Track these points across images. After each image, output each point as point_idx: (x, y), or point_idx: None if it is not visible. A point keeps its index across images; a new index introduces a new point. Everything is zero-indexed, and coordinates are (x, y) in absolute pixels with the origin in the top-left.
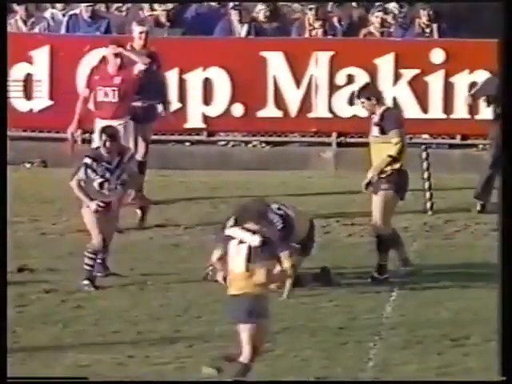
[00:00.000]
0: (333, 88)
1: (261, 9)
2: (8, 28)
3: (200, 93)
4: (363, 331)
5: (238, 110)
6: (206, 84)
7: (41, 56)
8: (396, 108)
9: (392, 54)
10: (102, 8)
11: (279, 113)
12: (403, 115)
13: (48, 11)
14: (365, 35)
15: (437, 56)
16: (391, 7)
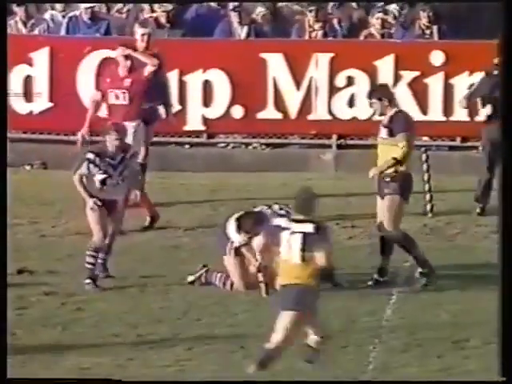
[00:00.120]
0: (333, 90)
1: (261, 11)
2: (8, 30)
3: (200, 95)
4: (363, 334)
5: (238, 112)
6: (206, 86)
7: (41, 58)
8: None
9: (392, 56)
10: (103, 10)
11: (279, 115)
12: (413, 119)
13: (48, 13)
14: (365, 37)
15: (437, 58)
16: (391, 9)
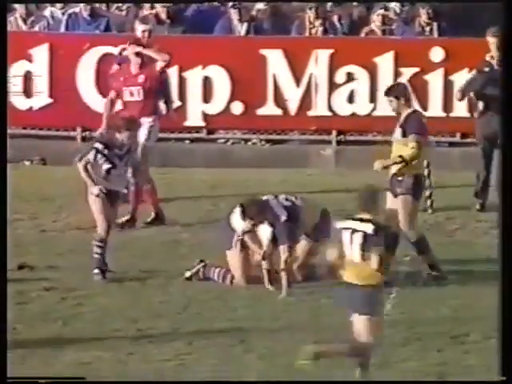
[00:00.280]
0: (332, 86)
1: (260, 7)
2: (8, 26)
3: (200, 91)
4: None
5: (238, 108)
6: (206, 82)
7: (40, 54)
8: (422, 113)
9: (392, 53)
10: (103, 7)
11: (279, 111)
12: (425, 123)
13: (47, 9)
14: (366, 33)
15: (436, 54)
16: (392, 5)
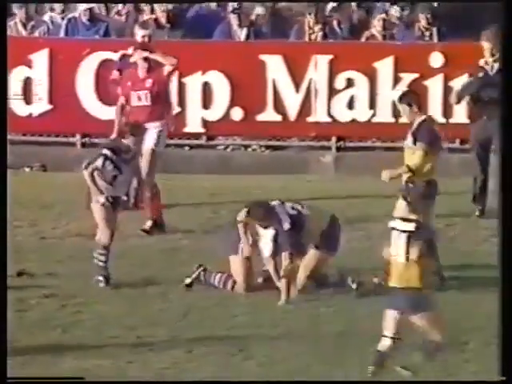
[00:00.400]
0: (332, 92)
1: (259, 11)
2: (7, 31)
3: (199, 97)
4: (363, 336)
5: (238, 114)
6: (205, 88)
7: (40, 59)
8: (434, 120)
9: (391, 58)
10: (102, 11)
11: (278, 117)
12: (437, 131)
13: (47, 14)
14: (367, 38)
15: (436, 60)
16: (393, 11)
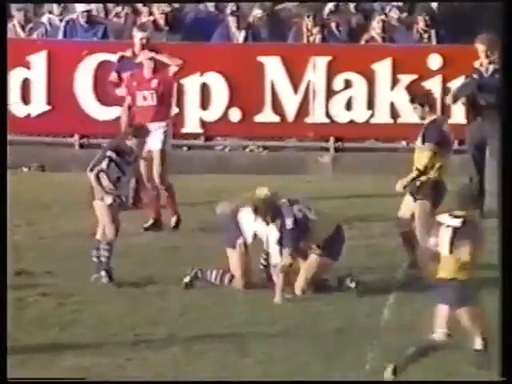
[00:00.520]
0: (330, 93)
1: (257, 13)
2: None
3: (197, 98)
4: (361, 335)
5: (236, 115)
6: (204, 89)
7: (38, 61)
8: (444, 121)
9: (389, 60)
10: (101, 14)
11: (276, 118)
12: (448, 130)
13: (45, 16)
14: (367, 40)
15: (434, 61)
16: (392, 14)
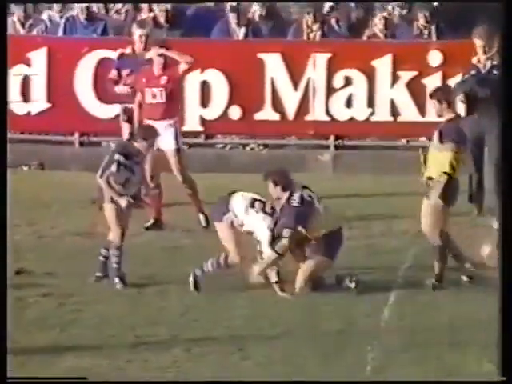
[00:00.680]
0: (330, 90)
1: (256, 9)
2: None
3: (198, 95)
4: (361, 335)
5: (236, 113)
6: (204, 86)
7: (38, 58)
8: (462, 119)
9: (389, 56)
10: (102, 10)
11: (276, 115)
12: (464, 128)
13: (45, 13)
14: (369, 37)
15: (434, 58)
16: (394, 10)
